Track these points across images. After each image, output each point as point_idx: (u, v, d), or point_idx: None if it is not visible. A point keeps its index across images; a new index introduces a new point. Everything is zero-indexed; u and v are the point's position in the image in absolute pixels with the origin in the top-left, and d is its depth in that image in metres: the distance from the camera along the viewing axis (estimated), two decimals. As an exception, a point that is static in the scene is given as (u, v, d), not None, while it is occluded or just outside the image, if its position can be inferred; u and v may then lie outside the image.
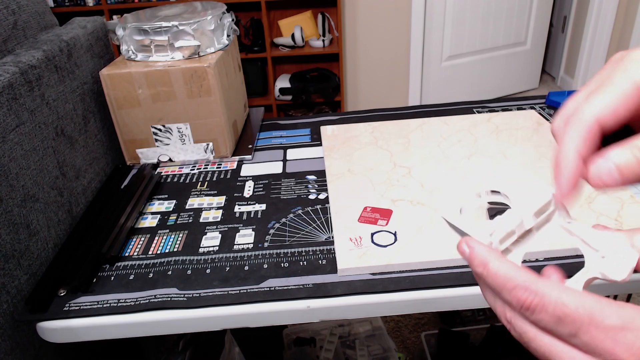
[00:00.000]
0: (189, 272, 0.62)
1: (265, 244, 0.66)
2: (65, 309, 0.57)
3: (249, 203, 0.75)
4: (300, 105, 2.78)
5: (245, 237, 0.67)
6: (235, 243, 0.66)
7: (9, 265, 0.57)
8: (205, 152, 0.88)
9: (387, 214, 0.67)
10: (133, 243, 0.68)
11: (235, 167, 0.87)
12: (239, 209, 0.74)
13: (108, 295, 0.59)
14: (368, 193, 0.73)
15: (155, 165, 0.88)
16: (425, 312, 1.16)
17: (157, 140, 0.86)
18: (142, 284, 0.60)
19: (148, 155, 0.88)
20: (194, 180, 0.83)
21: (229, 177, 0.83)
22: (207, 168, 0.87)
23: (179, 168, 0.87)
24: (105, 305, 0.57)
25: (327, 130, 0.95)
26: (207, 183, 0.82)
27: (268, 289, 0.58)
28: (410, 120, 0.96)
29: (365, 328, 1.25)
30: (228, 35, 0.90)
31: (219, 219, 0.72)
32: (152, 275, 0.61)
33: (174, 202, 0.77)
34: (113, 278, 0.61)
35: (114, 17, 2.49)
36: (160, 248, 0.66)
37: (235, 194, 0.78)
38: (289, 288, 0.58)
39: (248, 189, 0.79)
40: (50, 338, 0.57)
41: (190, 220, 0.72)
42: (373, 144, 0.87)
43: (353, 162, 0.82)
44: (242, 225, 0.70)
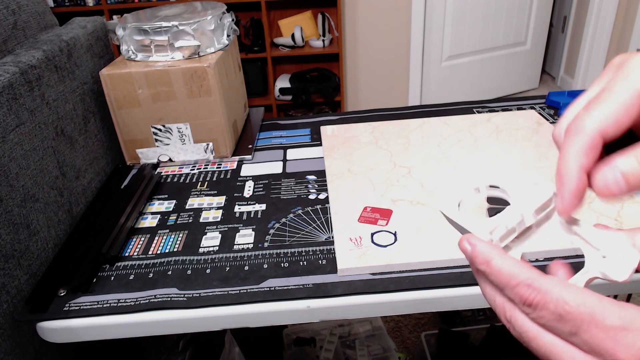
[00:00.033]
0: (189, 272, 0.62)
1: (265, 244, 0.66)
2: (65, 309, 0.57)
3: (249, 203, 0.75)
4: (300, 105, 2.78)
5: (245, 237, 0.67)
6: (235, 243, 0.66)
7: (9, 265, 0.57)
8: (205, 152, 0.88)
9: (387, 214, 0.67)
10: (133, 243, 0.68)
11: (235, 167, 0.87)
12: (239, 209, 0.74)
13: (108, 295, 0.59)
14: (368, 193, 0.73)
15: (155, 165, 0.88)
16: (425, 312, 1.16)
17: (157, 140, 0.86)
18: (142, 284, 0.60)
19: (148, 155, 0.88)
20: (194, 180, 0.83)
21: (229, 177, 0.83)
22: (207, 168, 0.87)
23: (179, 168, 0.87)
24: (105, 305, 0.57)
25: (327, 130, 0.95)
26: (207, 183, 0.82)
27: (268, 289, 0.58)
28: (410, 120, 0.96)
29: (365, 328, 1.25)
30: (228, 35, 0.90)
31: (219, 219, 0.72)
32: (152, 275, 0.61)
33: (174, 202, 0.77)
34: (113, 278, 0.61)
35: (114, 17, 2.49)
36: (160, 248, 0.66)
37: (235, 194, 0.78)
38: (289, 288, 0.58)
39: (248, 189, 0.79)
40: (50, 338, 0.57)
41: (190, 220, 0.72)
42: (373, 144, 0.87)
43: (353, 162, 0.82)
44: (242, 225, 0.70)
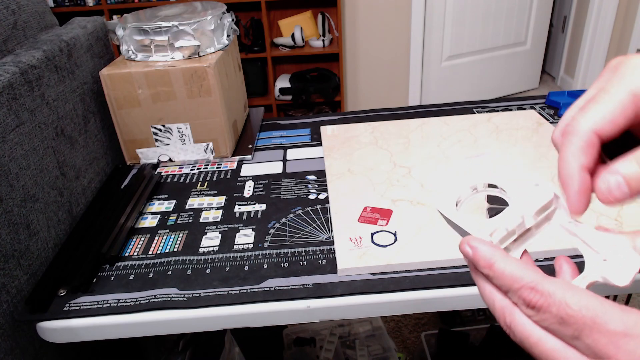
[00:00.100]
0: (189, 272, 0.62)
1: (265, 244, 0.66)
2: (65, 309, 0.57)
3: (249, 203, 0.75)
4: (300, 105, 2.78)
5: (245, 237, 0.67)
6: (235, 243, 0.66)
7: (9, 265, 0.57)
8: (205, 152, 0.88)
9: (387, 214, 0.67)
10: (133, 243, 0.68)
11: (235, 167, 0.87)
12: (239, 209, 0.74)
13: (108, 295, 0.59)
14: (368, 193, 0.73)
15: (155, 165, 0.88)
16: (425, 312, 1.16)
17: (157, 140, 0.86)
18: (142, 284, 0.60)
19: (148, 155, 0.88)
20: (194, 180, 0.83)
21: (229, 177, 0.83)
22: (207, 168, 0.87)
23: (179, 168, 0.87)
24: (105, 305, 0.57)
25: (327, 130, 0.95)
26: (207, 183, 0.82)
27: (268, 289, 0.58)
28: (410, 120, 0.96)
29: (365, 328, 1.25)
30: (228, 35, 0.90)
31: (219, 219, 0.72)
32: (152, 275, 0.61)
33: (174, 202, 0.77)
34: (113, 278, 0.61)
35: (114, 17, 2.49)
36: (160, 248, 0.66)
37: (235, 194, 0.78)
38: (289, 288, 0.58)
39: (248, 189, 0.79)
40: (50, 338, 0.57)
41: (190, 220, 0.72)
42: (373, 144, 0.87)
43: (353, 162, 0.82)
44: (242, 225, 0.70)
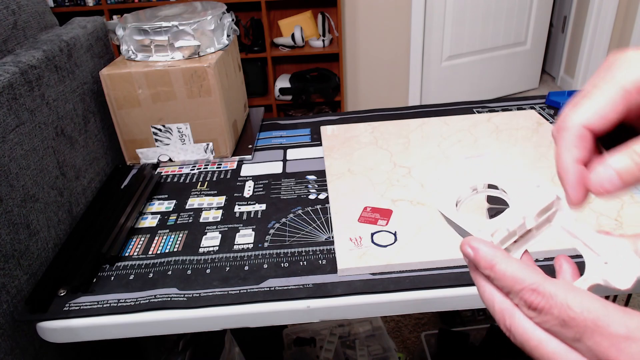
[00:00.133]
0: (189, 272, 0.62)
1: (265, 244, 0.66)
2: (65, 309, 0.57)
3: (249, 203, 0.75)
4: (300, 105, 2.77)
5: (245, 237, 0.67)
6: (235, 243, 0.66)
7: (9, 265, 0.57)
8: (205, 152, 0.88)
9: (387, 214, 0.67)
10: (133, 243, 0.68)
11: (235, 167, 0.87)
12: (239, 209, 0.74)
13: (108, 295, 0.59)
14: (368, 193, 0.73)
15: (155, 165, 0.88)
16: (425, 312, 1.16)
17: (157, 140, 0.86)
18: (142, 284, 0.60)
19: (148, 155, 0.88)
20: (194, 180, 0.83)
21: (229, 177, 0.83)
22: (207, 168, 0.87)
23: (179, 168, 0.87)
24: (105, 305, 0.57)
25: (327, 130, 0.95)
26: (207, 183, 0.82)
27: (268, 289, 0.58)
28: (410, 120, 0.96)
29: (365, 328, 1.25)
30: (228, 35, 0.90)
31: (219, 219, 0.72)
32: (152, 275, 0.61)
33: (174, 202, 0.77)
34: (113, 278, 0.61)
35: (114, 17, 2.49)
36: (160, 248, 0.66)
37: (235, 194, 0.78)
38: (289, 288, 0.58)
39: (248, 189, 0.79)
40: (50, 338, 0.57)
41: (190, 220, 0.72)
42: (373, 144, 0.87)
43: (353, 162, 0.82)
44: (242, 225, 0.70)
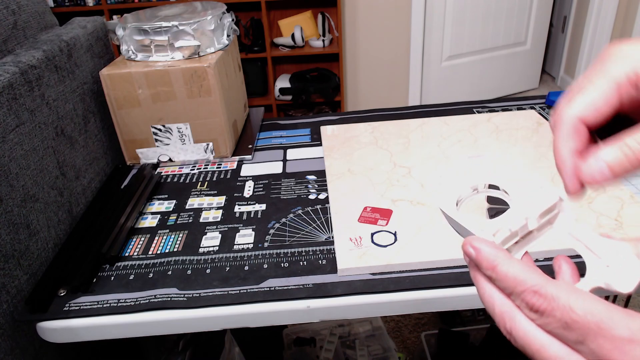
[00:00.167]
0: (189, 272, 0.62)
1: (265, 244, 0.66)
2: (65, 309, 0.57)
3: (249, 203, 0.75)
4: (300, 105, 2.78)
5: (245, 237, 0.67)
6: (235, 243, 0.66)
7: (9, 265, 0.57)
8: (205, 152, 0.88)
9: (387, 214, 0.67)
10: (133, 243, 0.68)
11: (235, 167, 0.87)
12: (239, 209, 0.74)
13: (108, 295, 0.59)
14: (368, 193, 0.73)
15: (155, 165, 0.88)
16: (425, 312, 1.16)
17: (157, 140, 0.86)
18: (142, 284, 0.60)
19: (148, 155, 0.88)
20: (194, 180, 0.83)
21: (229, 177, 0.83)
22: (207, 168, 0.87)
23: (179, 168, 0.87)
24: (105, 305, 0.57)
25: (327, 130, 0.95)
26: (207, 183, 0.82)
27: (268, 289, 0.58)
28: (410, 120, 0.96)
29: (365, 328, 1.25)
30: (228, 35, 0.90)
31: (219, 219, 0.72)
32: (152, 275, 0.61)
33: (174, 202, 0.77)
34: (113, 278, 0.61)
35: (114, 17, 2.49)
36: (160, 248, 0.66)
37: (235, 194, 0.78)
38: (289, 288, 0.58)
39: (248, 189, 0.79)
40: (50, 338, 0.57)
41: (190, 220, 0.72)
42: (373, 144, 0.87)
43: (353, 162, 0.82)
44: (242, 225, 0.70)
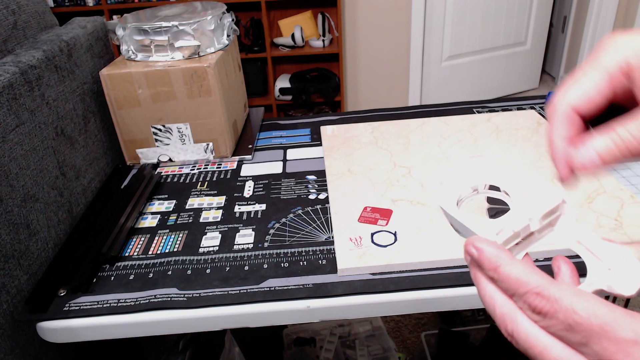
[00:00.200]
0: (189, 272, 0.62)
1: (265, 244, 0.66)
2: (65, 309, 0.57)
3: (249, 203, 0.75)
4: (300, 105, 2.78)
5: (245, 237, 0.67)
6: (235, 243, 0.66)
7: (9, 265, 0.57)
8: (205, 152, 0.88)
9: (387, 214, 0.67)
10: (133, 243, 0.68)
11: (235, 167, 0.87)
12: (239, 209, 0.74)
13: (108, 295, 0.59)
14: (368, 193, 0.73)
15: (155, 165, 0.88)
16: (425, 312, 1.16)
17: (157, 140, 0.86)
18: (142, 284, 0.60)
19: (148, 155, 0.88)
20: (194, 180, 0.83)
21: (229, 177, 0.83)
22: (207, 168, 0.87)
23: (179, 168, 0.87)
24: (105, 305, 0.57)
25: (327, 130, 0.95)
26: (207, 183, 0.82)
27: (268, 289, 0.58)
28: (410, 120, 0.96)
29: (365, 328, 1.25)
30: (228, 35, 0.90)
31: (219, 219, 0.72)
32: (152, 275, 0.61)
33: (174, 202, 0.77)
34: (113, 278, 0.61)
35: (114, 17, 2.49)
36: (160, 248, 0.66)
37: (235, 194, 0.78)
38: (289, 288, 0.58)
39: (248, 189, 0.79)
40: (50, 338, 0.57)
41: (190, 220, 0.72)
42: (373, 144, 0.87)
43: (353, 162, 0.82)
44: (242, 225, 0.70)
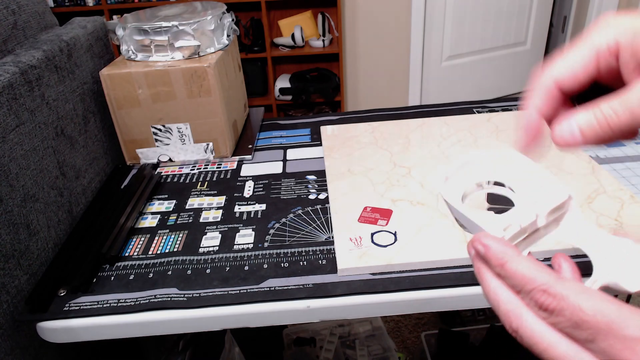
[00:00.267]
0: (189, 272, 0.62)
1: (265, 244, 0.66)
2: (65, 309, 0.57)
3: (249, 203, 0.75)
4: (300, 105, 2.78)
5: (245, 237, 0.67)
6: (235, 243, 0.66)
7: (9, 265, 0.57)
8: (205, 152, 0.88)
9: (387, 214, 0.67)
10: (133, 243, 0.68)
11: (235, 167, 0.87)
12: (239, 209, 0.74)
13: (108, 295, 0.59)
14: (368, 193, 0.73)
15: (155, 165, 0.88)
16: (425, 312, 1.16)
17: (157, 140, 0.86)
18: (142, 284, 0.60)
19: (148, 155, 0.88)
20: (194, 180, 0.83)
21: (229, 177, 0.83)
22: (207, 168, 0.87)
23: (179, 168, 0.87)
24: (105, 305, 0.57)
25: (327, 130, 0.95)
26: (207, 183, 0.82)
27: (268, 289, 0.58)
28: (410, 120, 0.96)
29: (365, 328, 1.25)
30: (228, 35, 0.90)
31: (219, 219, 0.72)
32: (152, 275, 0.61)
33: (174, 202, 0.77)
34: (113, 278, 0.61)
35: (114, 17, 2.49)
36: (160, 248, 0.66)
37: (235, 194, 0.78)
38: (289, 288, 0.58)
39: (248, 189, 0.79)
40: (50, 338, 0.57)
41: (190, 220, 0.72)
42: (373, 144, 0.87)
43: (353, 162, 0.82)
44: (242, 225, 0.70)
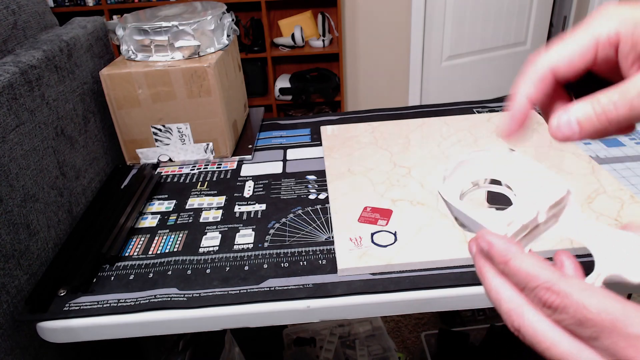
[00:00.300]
0: (189, 272, 0.62)
1: (265, 244, 0.66)
2: (65, 309, 0.57)
3: (249, 203, 0.75)
4: (300, 105, 2.78)
5: (245, 237, 0.67)
6: (235, 243, 0.66)
7: (9, 265, 0.57)
8: (205, 152, 0.88)
9: (387, 214, 0.67)
10: (133, 243, 0.68)
11: (235, 167, 0.87)
12: (239, 209, 0.74)
13: (108, 295, 0.59)
14: (368, 193, 0.73)
15: (155, 165, 0.88)
16: (425, 312, 1.16)
17: (157, 140, 0.86)
18: (142, 284, 0.60)
19: (148, 155, 0.88)
20: (194, 180, 0.83)
21: (229, 177, 0.83)
22: (207, 168, 0.87)
23: (179, 168, 0.87)
24: (105, 305, 0.57)
25: (327, 130, 0.95)
26: (207, 183, 0.82)
27: (268, 289, 0.58)
28: (410, 120, 0.96)
29: (365, 328, 1.25)
30: (228, 35, 0.90)
31: (219, 219, 0.72)
32: (152, 275, 0.61)
33: (174, 202, 0.77)
34: (113, 278, 0.61)
35: (114, 17, 2.49)
36: (160, 248, 0.66)
37: (235, 194, 0.78)
38: (289, 288, 0.58)
39: (248, 189, 0.79)
40: (50, 338, 0.57)
41: (190, 220, 0.72)
42: (373, 144, 0.87)
43: (353, 162, 0.82)
44: (242, 225, 0.70)
